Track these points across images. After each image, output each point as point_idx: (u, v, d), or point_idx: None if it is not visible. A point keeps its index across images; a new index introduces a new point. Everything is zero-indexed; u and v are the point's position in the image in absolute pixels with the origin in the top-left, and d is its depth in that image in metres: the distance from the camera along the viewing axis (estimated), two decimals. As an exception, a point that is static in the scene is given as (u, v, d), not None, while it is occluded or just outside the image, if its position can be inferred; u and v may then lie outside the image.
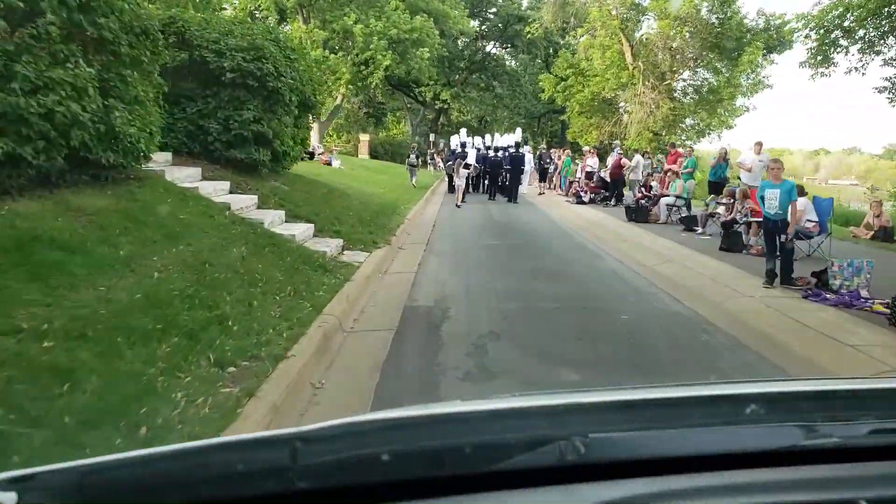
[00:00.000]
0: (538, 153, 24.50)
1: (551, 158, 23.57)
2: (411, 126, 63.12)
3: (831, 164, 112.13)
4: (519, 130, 26.87)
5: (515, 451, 0.71)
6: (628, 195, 16.50)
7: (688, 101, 29.07)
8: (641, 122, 29.28)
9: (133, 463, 0.71)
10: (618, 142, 25.92)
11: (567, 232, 12.01)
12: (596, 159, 18.87)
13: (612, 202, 15.93)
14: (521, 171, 19.42)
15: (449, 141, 27.97)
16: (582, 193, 16.49)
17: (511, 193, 18.47)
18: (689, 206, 12.19)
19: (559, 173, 21.61)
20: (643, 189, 13.62)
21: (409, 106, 58.79)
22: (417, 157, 23.76)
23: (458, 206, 15.94)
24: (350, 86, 32.77)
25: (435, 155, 36.39)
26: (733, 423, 0.80)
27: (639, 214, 12.13)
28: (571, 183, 19.64)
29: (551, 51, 41.39)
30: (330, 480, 0.69)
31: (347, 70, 31.59)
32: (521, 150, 20.18)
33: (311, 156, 21.38)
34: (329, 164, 20.68)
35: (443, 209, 15.70)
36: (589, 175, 17.70)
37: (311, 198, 10.40)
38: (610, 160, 17.27)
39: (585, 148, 24.30)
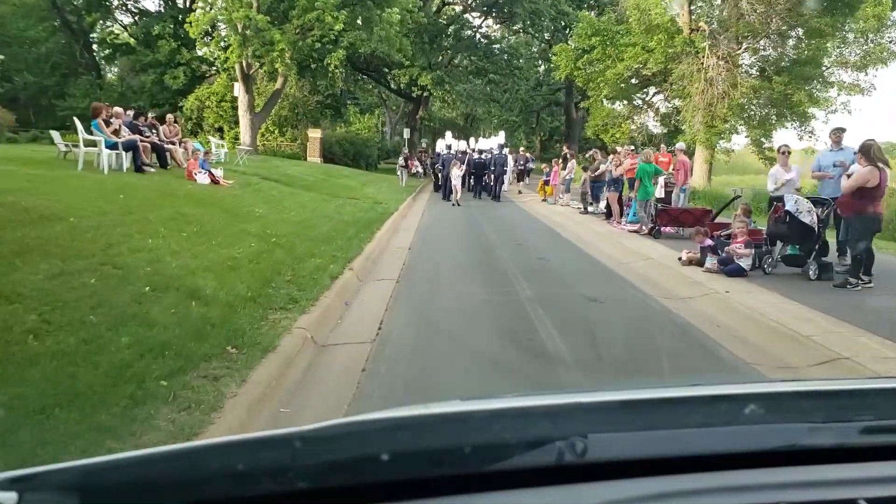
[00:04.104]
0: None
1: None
2: (390, 124, 53.04)
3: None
4: (503, 133, 26.99)
5: (515, 451, 0.69)
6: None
7: (780, 78, 19.35)
8: (708, 107, 19.62)
9: (133, 463, 0.70)
10: (645, 148, 16.80)
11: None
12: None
13: (833, 278, 6.22)
14: (504, 172, 19.42)
15: (434, 142, 28.52)
16: (733, 248, 6.74)
17: (496, 193, 18.61)
18: None
19: (610, 189, 11.85)
20: None
21: (385, 100, 48.82)
22: (406, 160, 23.54)
23: (455, 205, 15.74)
24: (291, 61, 22.82)
25: (414, 157, 26.67)
26: (733, 423, 0.77)
27: None
28: (661, 211, 9.89)
29: (561, 24, 31.65)
30: (330, 480, 0.67)
31: (284, 39, 21.60)
32: (503, 152, 20.41)
33: (163, 161, 11.49)
34: (210, 178, 10.69)
35: (408, 290, 5.91)
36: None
37: None
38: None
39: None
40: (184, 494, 0.65)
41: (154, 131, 12.23)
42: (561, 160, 16.66)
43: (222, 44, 22.82)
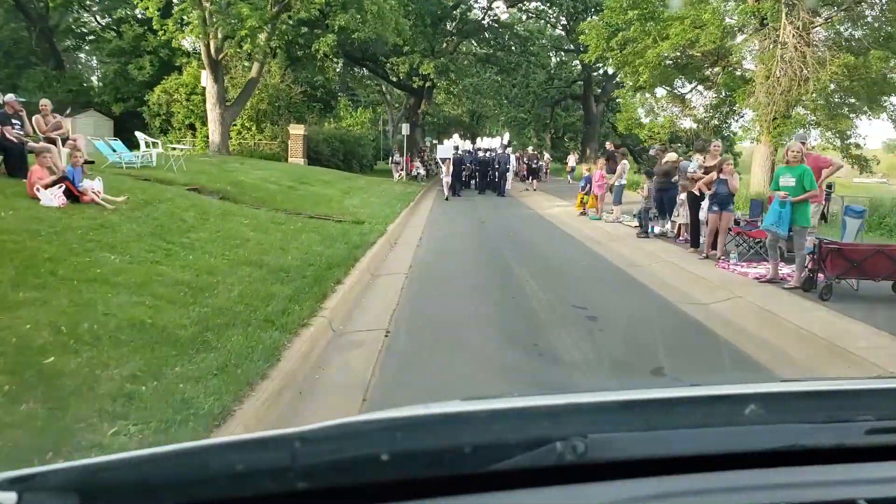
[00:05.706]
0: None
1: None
2: (392, 122, 48.75)
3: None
4: (507, 133, 27.94)
5: (515, 451, 0.68)
6: None
7: (878, 53, 14.96)
8: (784, 94, 15.29)
9: (133, 463, 0.69)
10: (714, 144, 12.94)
11: None
12: None
13: None
14: (507, 169, 19.87)
15: (439, 140, 29.90)
16: None
17: (500, 189, 19.19)
18: None
19: (727, 207, 7.50)
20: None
21: (386, 95, 44.61)
22: (403, 156, 23.25)
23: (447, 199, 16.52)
24: (266, 43, 18.67)
25: (415, 157, 22.50)
26: (733, 423, 0.75)
27: None
28: (832, 251, 5.53)
29: (581, 7, 27.39)
30: (330, 480, 0.66)
31: (255, 16, 17.39)
32: (506, 151, 21.11)
33: (16, 167, 7.36)
34: (75, 194, 6.52)
35: None
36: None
37: None
38: None
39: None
40: (184, 494, 0.64)
41: (17, 123, 8.06)
42: (606, 160, 12.36)
43: (182, 20, 18.54)
